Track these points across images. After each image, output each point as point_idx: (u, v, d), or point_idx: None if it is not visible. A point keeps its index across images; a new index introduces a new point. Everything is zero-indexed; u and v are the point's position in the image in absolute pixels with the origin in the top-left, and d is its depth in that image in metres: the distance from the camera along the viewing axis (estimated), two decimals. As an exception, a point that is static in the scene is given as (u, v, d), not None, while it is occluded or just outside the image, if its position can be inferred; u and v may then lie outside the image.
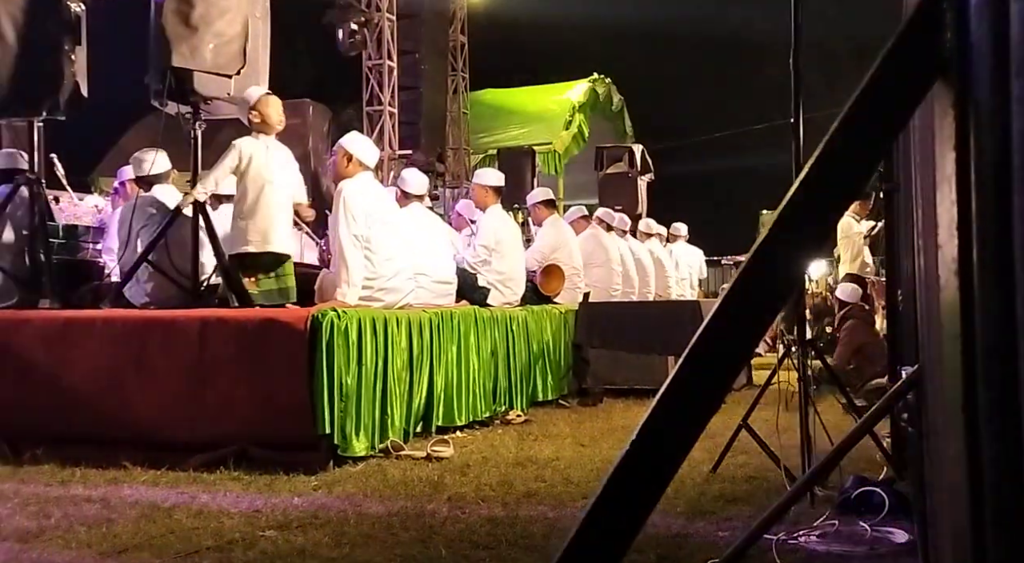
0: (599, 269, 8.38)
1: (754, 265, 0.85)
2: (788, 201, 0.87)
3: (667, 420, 0.84)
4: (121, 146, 13.31)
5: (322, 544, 2.87)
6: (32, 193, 5.15)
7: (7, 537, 2.95)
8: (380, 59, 12.09)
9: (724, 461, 3.94)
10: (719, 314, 0.84)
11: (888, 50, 0.87)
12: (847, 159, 0.87)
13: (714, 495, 3.52)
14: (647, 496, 0.84)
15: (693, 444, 0.83)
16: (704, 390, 0.84)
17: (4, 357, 4.48)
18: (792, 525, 2.96)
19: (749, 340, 0.85)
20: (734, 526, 3.05)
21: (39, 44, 5.04)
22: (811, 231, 0.88)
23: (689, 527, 3.05)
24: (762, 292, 0.85)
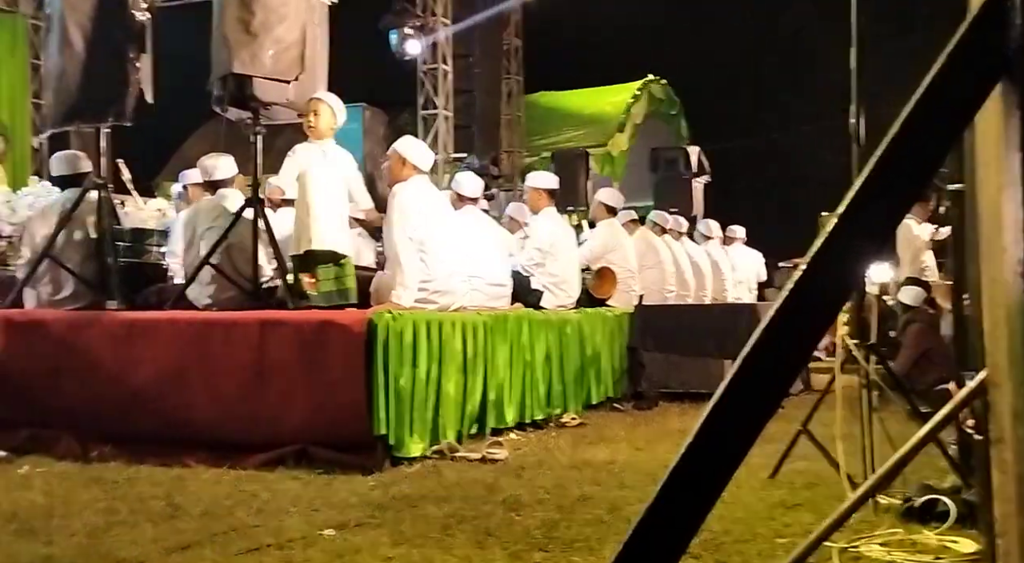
0: (651, 271, 8.32)
1: (812, 268, 0.84)
2: (848, 203, 0.86)
3: (723, 424, 0.83)
4: (184, 151, 13.67)
5: (380, 543, 2.90)
6: (100, 197, 5.29)
7: (76, 532, 3.04)
8: (435, 63, 12.19)
9: (783, 467, 3.88)
10: (776, 317, 0.84)
11: (952, 48, 0.85)
12: (908, 160, 0.86)
13: (773, 501, 3.47)
14: (702, 500, 0.83)
15: (749, 448, 0.82)
16: (760, 394, 0.83)
17: (74, 357, 4.62)
18: (854, 533, 2.90)
19: (806, 344, 0.84)
20: (793, 533, 3.01)
21: (106, 52, 5.18)
22: (871, 234, 0.87)
23: (747, 533, 3.01)
24: (820, 295, 0.84)
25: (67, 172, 5.72)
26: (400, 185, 5.02)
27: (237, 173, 5.78)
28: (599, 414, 6.21)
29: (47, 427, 4.58)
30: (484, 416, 5.08)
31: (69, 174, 5.68)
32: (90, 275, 5.34)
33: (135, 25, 5.20)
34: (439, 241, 5.00)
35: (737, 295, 10.36)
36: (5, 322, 4.79)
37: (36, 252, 5.36)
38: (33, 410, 4.66)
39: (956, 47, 0.83)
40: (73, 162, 5.74)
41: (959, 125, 0.86)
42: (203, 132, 13.05)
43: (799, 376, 6.91)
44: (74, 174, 5.64)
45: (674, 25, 18.41)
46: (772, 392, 0.85)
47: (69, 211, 5.32)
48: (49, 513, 3.29)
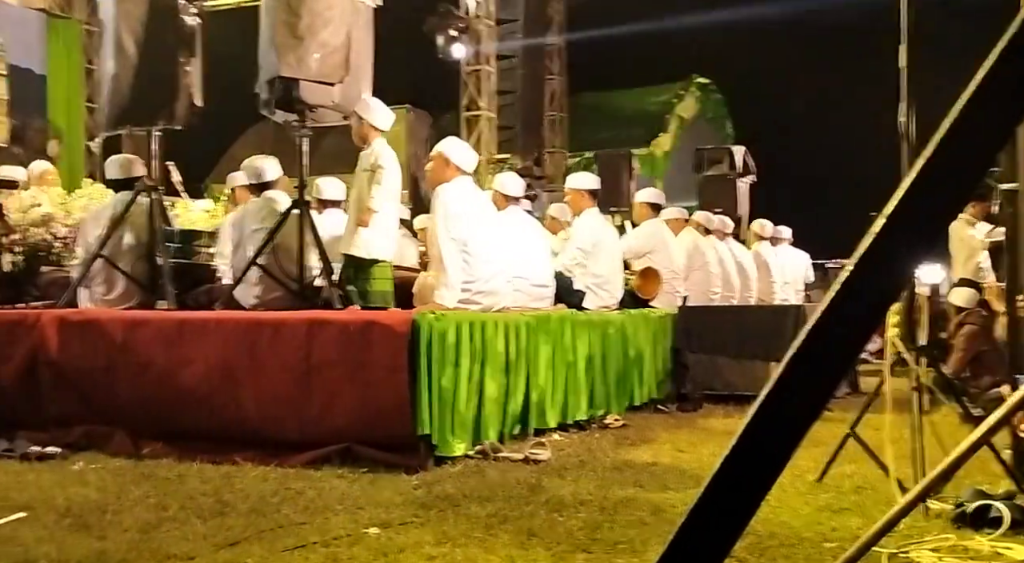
0: (697, 273, 8.26)
1: (859, 268, 0.83)
2: (896, 202, 0.85)
3: (768, 426, 0.83)
4: (232, 153, 13.90)
5: (424, 542, 2.92)
6: (151, 200, 5.40)
7: (128, 528, 3.11)
8: (478, 65, 12.23)
9: (830, 470, 3.82)
10: (822, 318, 0.83)
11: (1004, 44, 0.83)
12: (959, 158, 0.85)
13: (820, 505, 3.42)
14: (747, 503, 0.82)
15: (794, 451, 0.82)
16: (806, 396, 0.83)
17: (126, 355, 4.72)
18: (903, 539, 2.85)
19: (853, 345, 0.83)
20: (841, 538, 2.97)
21: (157, 56, 5.29)
22: (920, 233, 0.85)
23: (793, 537, 2.98)
24: (867, 296, 0.83)
25: (120, 175, 5.85)
26: (443, 186, 5.04)
27: (283, 175, 5.86)
28: (642, 416, 6.18)
29: (100, 424, 4.68)
30: (527, 416, 5.08)
31: (122, 177, 5.81)
32: (141, 275, 5.45)
33: (186, 30, 5.30)
34: (482, 242, 5.02)
35: (784, 296, 10.23)
36: (60, 321, 4.91)
37: (89, 253, 5.49)
38: (87, 407, 4.77)
39: (1009, 43, 0.82)
40: (126, 165, 5.87)
41: (1012, 122, 0.84)
42: (251, 135, 13.25)
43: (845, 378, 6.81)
44: (126, 177, 5.77)
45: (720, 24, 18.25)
46: (818, 394, 0.84)
47: (121, 213, 5.44)
48: (102, 508, 3.36)
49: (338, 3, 4.98)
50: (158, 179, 5.51)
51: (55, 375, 4.85)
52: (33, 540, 2.95)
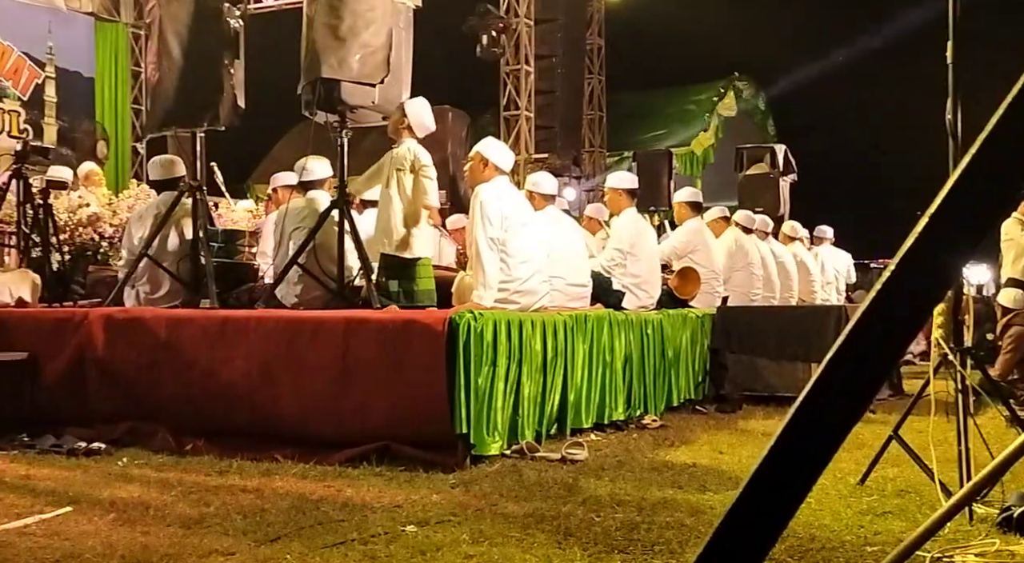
0: (739, 273, 8.18)
1: (902, 267, 0.82)
2: (941, 199, 0.83)
3: (807, 427, 0.82)
4: (273, 154, 14.04)
5: (461, 541, 2.93)
6: (195, 200, 5.48)
7: (171, 523, 3.16)
8: (518, 64, 12.23)
9: (873, 473, 3.77)
10: (864, 318, 0.81)
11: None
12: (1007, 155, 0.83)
13: (862, 508, 3.37)
14: (785, 505, 0.81)
15: (834, 453, 0.80)
16: (847, 397, 0.81)
17: (170, 353, 4.79)
18: (948, 543, 2.80)
19: (895, 346, 0.82)
20: (883, 541, 2.92)
21: (202, 59, 5.36)
22: (966, 232, 0.84)
23: (834, 540, 2.94)
24: (910, 297, 0.81)
25: (162, 176, 5.95)
26: (482, 186, 5.05)
27: (331, 175, 5.91)
28: (680, 416, 6.14)
29: (145, 421, 4.76)
30: (564, 416, 5.08)
31: (164, 178, 5.91)
32: (185, 275, 5.54)
33: (230, 32, 5.36)
34: (520, 242, 5.02)
35: (825, 297, 10.10)
36: (106, 320, 5.00)
37: (134, 252, 5.59)
38: (131, 404, 4.85)
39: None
40: (167, 166, 5.96)
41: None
42: (292, 136, 13.38)
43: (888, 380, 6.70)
44: (170, 178, 5.86)
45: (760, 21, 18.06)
46: (859, 396, 0.82)
47: (166, 213, 5.53)
48: (146, 504, 3.42)
49: (379, 4, 5.01)
50: (202, 180, 5.58)
51: (101, 372, 4.95)
52: (79, 534, 3.01)
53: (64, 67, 12.42)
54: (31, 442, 4.66)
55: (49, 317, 5.28)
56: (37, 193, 6.37)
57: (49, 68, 12.22)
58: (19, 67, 11.84)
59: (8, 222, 6.76)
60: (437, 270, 5.67)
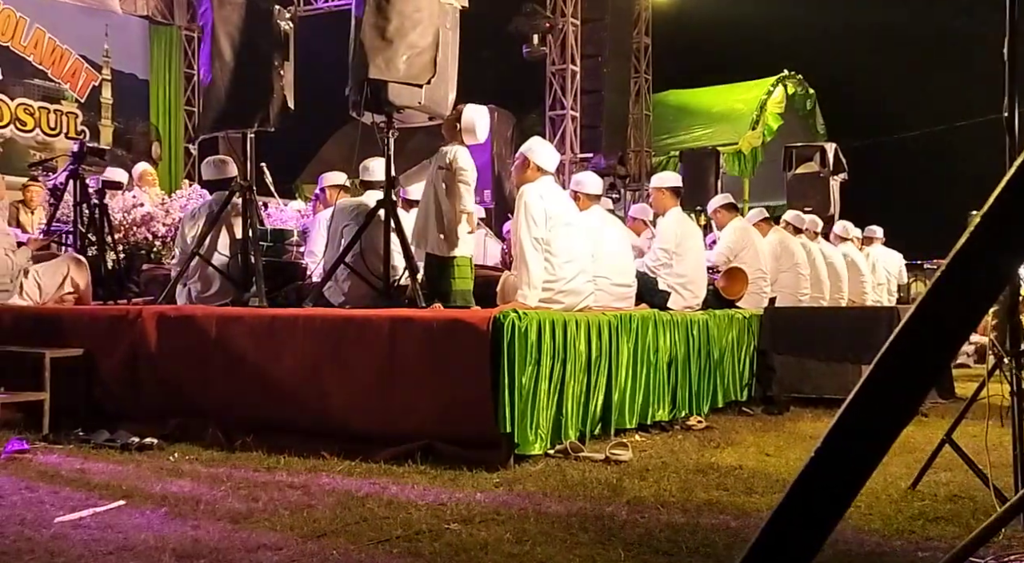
0: (786, 274, 8.07)
1: (955, 267, 0.80)
2: (995, 198, 0.82)
3: (855, 430, 0.81)
4: (321, 155, 14.20)
5: (504, 540, 2.93)
6: (245, 200, 5.57)
7: (221, 517, 3.22)
8: (563, 64, 12.21)
9: (925, 477, 3.69)
10: (915, 319, 0.80)
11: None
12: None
13: (913, 513, 3.31)
14: (832, 509, 0.80)
15: (882, 456, 0.79)
16: (896, 400, 0.80)
17: (220, 351, 4.87)
18: (1002, 549, 2.73)
19: (946, 348, 0.80)
20: (935, 547, 2.86)
21: (253, 61, 5.44)
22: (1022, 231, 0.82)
23: (884, 545, 2.89)
24: (962, 297, 0.80)
25: (214, 176, 6.05)
26: (527, 186, 5.06)
27: None
28: (726, 418, 6.07)
29: (195, 417, 4.85)
30: (608, 417, 5.06)
31: (218, 178, 6.01)
32: (235, 273, 5.63)
33: (280, 35, 5.44)
34: (564, 242, 5.01)
35: (876, 298, 9.93)
36: (159, 317, 5.10)
37: (186, 251, 5.70)
38: (183, 400, 4.95)
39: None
40: (220, 167, 6.06)
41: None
42: (339, 136, 13.52)
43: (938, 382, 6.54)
44: (222, 178, 5.96)
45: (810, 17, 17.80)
46: (908, 398, 0.81)
47: (217, 213, 5.62)
48: (196, 498, 3.49)
49: (426, 5, 5.04)
50: (252, 180, 5.66)
51: (153, 369, 5.05)
52: (132, 527, 3.08)
53: (119, 69, 12.71)
54: (86, 436, 4.77)
55: (104, 314, 5.40)
56: (93, 193, 6.53)
57: (105, 71, 12.51)
58: (77, 70, 12.14)
59: (65, 221, 6.94)
60: (482, 270, 5.69)
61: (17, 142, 10.75)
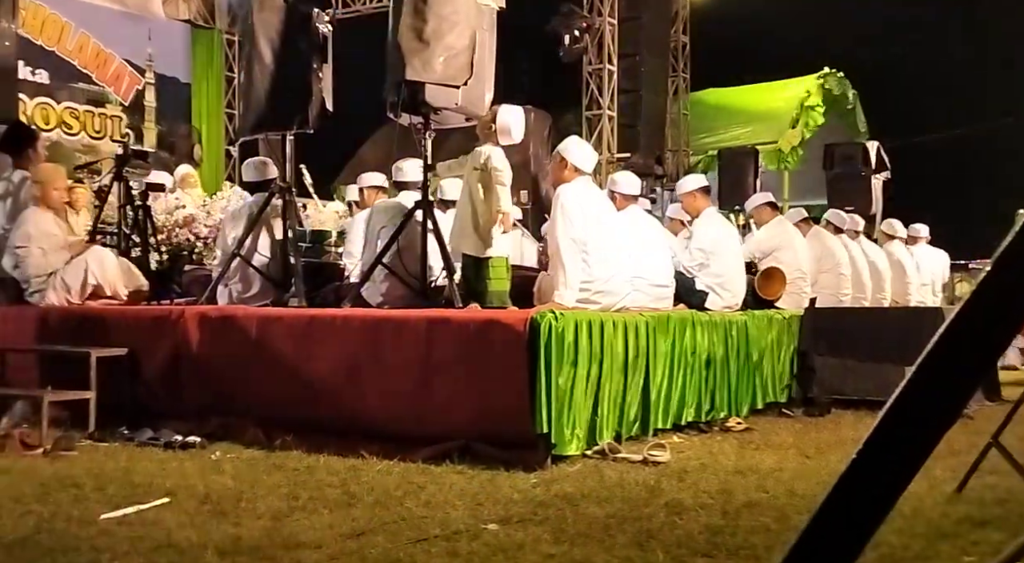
0: (827, 275, 7.97)
1: (1001, 267, 0.79)
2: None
3: (898, 431, 0.79)
4: (359, 156, 14.29)
5: (542, 540, 2.93)
6: (285, 201, 5.63)
7: (261, 515, 3.25)
8: (600, 63, 12.17)
9: (971, 481, 3.62)
10: (960, 319, 0.79)
11: None
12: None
13: (958, 517, 3.25)
14: (873, 512, 0.79)
15: (925, 459, 0.78)
16: (940, 401, 0.79)
17: (260, 350, 4.93)
18: (1050, 556, 2.67)
19: (992, 349, 0.79)
20: (982, 551, 2.81)
21: (292, 64, 5.50)
22: (1070, 230, 0.80)
23: (929, 550, 2.84)
24: (1009, 297, 0.78)
25: (255, 178, 6.13)
26: (563, 187, 5.05)
27: None
28: (766, 419, 6.01)
29: (237, 416, 4.91)
30: (645, 417, 5.03)
31: (258, 180, 6.08)
32: (275, 274, 5.69)
33: (318, 37, 5.49)
34: (601, 242, 5.00)
35: (920, 298, 9.75)
36: (200, 317, 5.18)
37: (227, 252, 5.77)
38: (224, 399, 5.02)
39: None
40: (260, 168, 6.14)
41: None
42: (377, 138, 13.60)
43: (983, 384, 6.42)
44: (263, 180, 6.04)
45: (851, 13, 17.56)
46: (952, 400, 0.80)
47: (257, 214, 5.69)
48: (237, 496, 3.53)
49: (463, 7, 5.06)
50: (291, 181, 5.72)
51: (195, 368, 5.13)
52: (175, 524, 3.13)
53: (162, 73, 12.92)
54: (130, 435, 4.86)
55: (147, 315, 5.50)
56: (137, 195, 6.64)
57: (149, 74, 12.72)
58: (121, 74, 12.36)
59: (110, 223, 7.07)
60: (519, 270, 5.69)
61: (63, 145, 10.97)
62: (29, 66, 11.01)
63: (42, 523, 3.13)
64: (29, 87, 10.98)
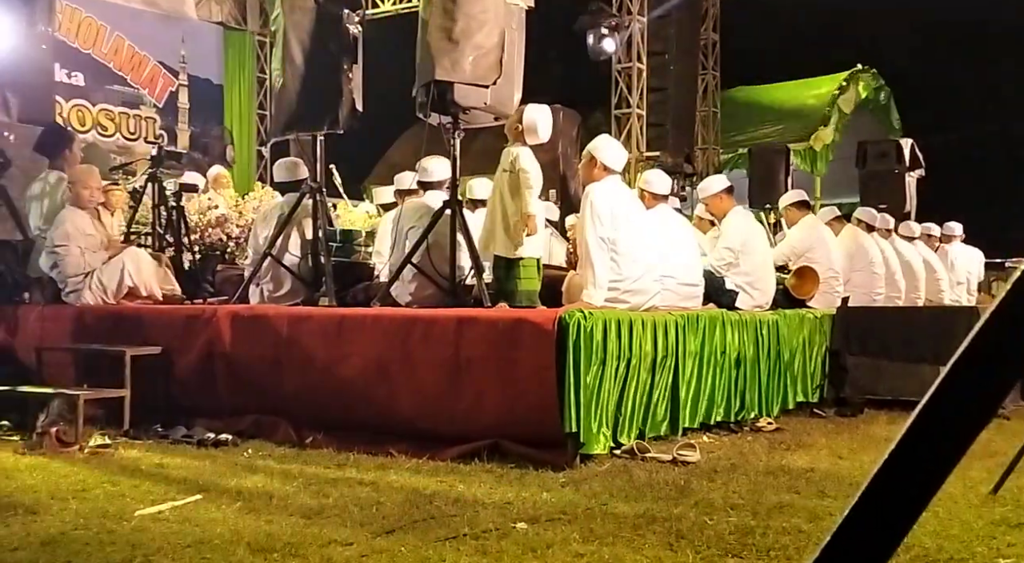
0: (859, 273, 7.88)
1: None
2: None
3: (931, 431, 0.78)
4: (388, 156, 14.36)
5: (571, 539, 2.93)
6: (315, 201, 5.67)
7: (293, 512, 3.29)
8: (629, 62, 12.12)
9: (1007, 483, 3.56)
10: (995, 317, 0.78)
11: None
12: None
13: (994, 519, 3.20)
14: (906, 513, 0.79)
15: (959, 459, 0.77)
16: (974, 401, 0.78)
17: (291, 349, 4.98)
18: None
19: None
20: (1017, 554, 2.77)
21: (323, 65, 5.53)
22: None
23: (964, 552, 2.80)
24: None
25: (286, 178, 6.18)
26: (592, 185, 5.04)
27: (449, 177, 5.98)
28: (797, 419, 5.96)
29: (268, 414, 4.96)
30: (675, 417, 5.01)
31: (289, 180, 6.13)
32: (306, 273, 5.74)
33: (349, 38, 5.52)
34: (630, 241, 4.98)
35: (955, 297, 9.61)
36: (233, 316, 5.23)
37: (259, 252, 5.83)
38: (256, 398, 5.07)
39: None
40: (292, 168, 6.19)
41: None
42: (406, 138, 13.65)
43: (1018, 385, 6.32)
44: (294, 180, 6.08)
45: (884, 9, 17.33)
46: (987, 399, 0.79)
47: (288, 214, 5.74)
48: (269, 494, 3.57)
49: (492, 6, 5.06)
50: (321, 181, 5.76)
51: (228, 366, 5.18)
52: (208, 521, 3.16)
53: (195, 75, 13.08)
54: (164, 432, 4.93)
55: (181, 313, 5.56)
56: (171, 196, 6.72)
57: (182, 76, 12.88)
58: (155, 76, 12.53)
59: (144, 223, 7.16)
60: (547, 269, 5.68)
61: (99, 147, 11.13)
62: (65, 69, 11.20)
63: (79, 519, 3.18)
64: (65, 89, 11.17)
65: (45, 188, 6.44)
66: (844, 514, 0.79)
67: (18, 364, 5.83)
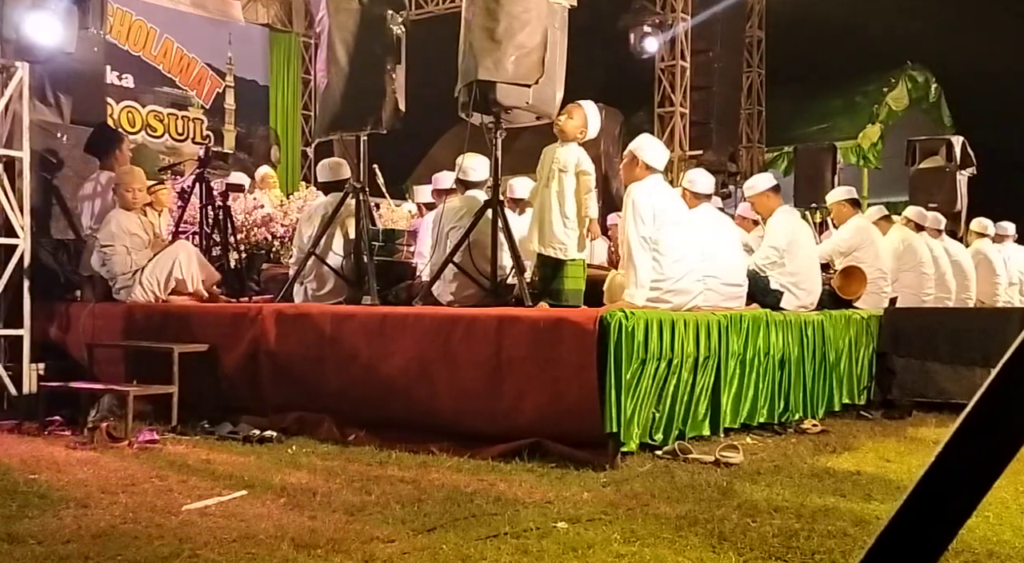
0: (908, 274, 7.73)
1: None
2: None
3: (980, 433, 0.77)
4: (431, 156, 14.43)
5: (612, 540, 2.92)
6: (358, 201, 5.72)
7: (336, 509, 3.32)
8: (673, 60, 12.05)
9: (1059, 489, 3.48)
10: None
11: None
12: None
13: (1046, 526, 3.13)
14: (952, 517, 0.77)
15: (1008, 462, 0.75)
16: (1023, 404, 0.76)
17: (335, 347, 5.03)
18: None
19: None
20: (1071, 563, 2.70)
21: (366, 66, 5.57)
22: None
23: (1015, 557, 2.74)
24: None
25: (329, 178, 6.24)
26: (634, 185, 5.01)
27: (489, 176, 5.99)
28: (843, 421, 5.87)
29: (312, 411, 5.01)
30: (717, 418, 4.97)
31: (333, 180, 6.19)
32: (349, 272, 5.79)
33: (392, 39, 5.55)
34: (673, 241, 4.94)
35: (1008, 298, 9.39)
36: (277, 315, 5.30)
37: (303, 251, 5.89)
38: (300, 395, 5.12)
39: None
40: (335, 168, 6.25)
41: None
42: (448, 137, 13.70)
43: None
44: (335, 180, 6.14)
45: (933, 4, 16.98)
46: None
47: (332, 213, 5.79)
48: (312, 490, 3.61)
49: (534, 6, 5.05)
50: (364, 181, 5.80)
51: (273, 364, 5.25)
52: (253, 516, 3.21)
53: (242, 76, 13.26)
54: (211, 429, 5.00)
55: (227, 312, 5.65)
56: (217, 195, 6.83)
57: (229, 78, 13.07)
58: (202, 77, 12.74)
59: (191, 222, 7.29)
60: (589, 269, 5.67)
61: (148, 147, 11.35)
62: (116, 71, 11.43)
63: (128, 513, 3.24)
64: (116, 91, 11.40)
65: (96, 188, 6.58)
66: (890, 517, 0.78)
67: (70, 360, 5.98)
